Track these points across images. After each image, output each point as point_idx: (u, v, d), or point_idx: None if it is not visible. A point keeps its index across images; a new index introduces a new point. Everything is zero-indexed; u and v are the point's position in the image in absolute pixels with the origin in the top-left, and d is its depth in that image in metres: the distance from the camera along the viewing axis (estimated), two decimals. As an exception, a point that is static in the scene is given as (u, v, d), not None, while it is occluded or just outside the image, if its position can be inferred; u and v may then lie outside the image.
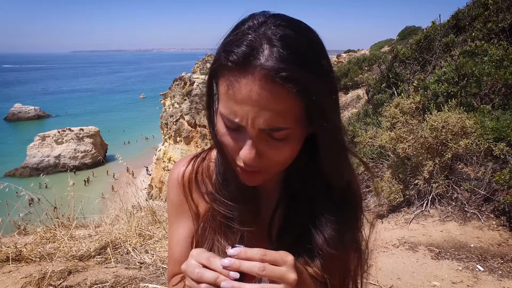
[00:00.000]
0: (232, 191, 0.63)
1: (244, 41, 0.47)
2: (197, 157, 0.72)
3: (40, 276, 1.94)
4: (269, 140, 0.51)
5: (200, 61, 28.97)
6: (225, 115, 0.51)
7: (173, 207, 0.72)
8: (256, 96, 0.46)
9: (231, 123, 0.51)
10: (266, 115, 0.47)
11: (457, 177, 3.31)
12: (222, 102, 0.51)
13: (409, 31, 22.13)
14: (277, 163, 0.54)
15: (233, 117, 0.50)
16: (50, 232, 2.65)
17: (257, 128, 0.49)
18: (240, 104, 0.48)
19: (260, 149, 0.52)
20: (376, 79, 6.77)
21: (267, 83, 0.46)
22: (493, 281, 2.32)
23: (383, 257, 2.71)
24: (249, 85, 0.46)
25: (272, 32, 0.47)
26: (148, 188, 23.11)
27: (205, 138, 25.63)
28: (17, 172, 31.80)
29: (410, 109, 3.71)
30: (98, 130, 36.08)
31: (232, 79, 0.48)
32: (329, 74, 0.51)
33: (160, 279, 2.09)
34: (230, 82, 0.48)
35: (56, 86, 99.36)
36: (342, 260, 0.64)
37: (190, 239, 0.70)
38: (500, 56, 3.87)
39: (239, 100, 0.48)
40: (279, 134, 0.50)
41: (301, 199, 0.64)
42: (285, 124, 0.49)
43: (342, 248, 0.62)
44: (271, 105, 0.47)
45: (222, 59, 0.49)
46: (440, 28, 5.97)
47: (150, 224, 2.95)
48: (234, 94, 0.48)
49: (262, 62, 0.45)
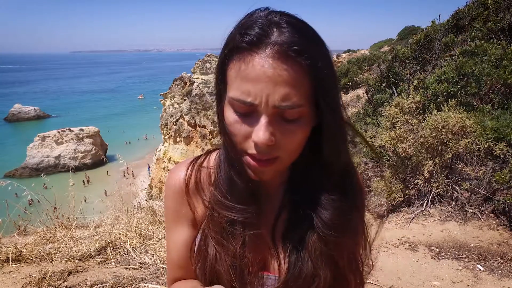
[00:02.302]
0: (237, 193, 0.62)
1: (256, 24, 0.50)
2: (195, 162, 0.70)
3: (40, 276, 1.94)
4: (282, 122, 0.52)
5: (200, 61, 28.98)
6: (236, 98, 0.51)
7: (171, 212, 0.70)
8: (270, 71, 0.48)
9: (242, 105, 0.51)
10: (281, 91, 0.48)
11: (457, 177, 3.31)
12: (233, 86, 0.52)
13: (408, 31, 22.14)
14: (288, 150, 0.53)
15: (246, 97, 0.50)
16: (50, 232, 2.65)
17: (271, 105, 0.49)
18: (254, 82, 0.49)
19: (273, 131, 0.51)
20: (376, 79, 6.78)
21: (280, 57, 0.48)
22: (493, 280, 2.32)
23: (383, 257, 2.71)
24: (262, 61, 0.48)
25: (278, 18, 0.51)
26: (148, 188, 23.11)
27: (205, 138, 25.64)
28: (17, 173, 31.80)
29: (410, 109, 3.71)
30: (98, 130, 36.09)
31: (246, 59, 0.49)
32: (332, 60, 0.54)
33: (160, 279, 2.09)
34: (244, 62, 0.50)
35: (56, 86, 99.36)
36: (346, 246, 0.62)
37: (189, 244, 0.68)
38: (500, 56, 3.87)
39: (253, 78, 0.49)
40: (292, 113, 0.51)
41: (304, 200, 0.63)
42: (298, 100, 0.50)
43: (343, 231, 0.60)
44: (284, 80, 0.48)
45: (236, 41, 0.51)
46: (440, 28, 5.97)
47: (150, 224, 2.95)
48: (248, 73, 0.49)
49: (274, 39, 0.48)
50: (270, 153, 0.52)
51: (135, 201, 3.70)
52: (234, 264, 0.60)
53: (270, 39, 0.49)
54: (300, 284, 0.61)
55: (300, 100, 0.50)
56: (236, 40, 0.51)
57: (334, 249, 0.61)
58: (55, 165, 32.86)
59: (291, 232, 0.63)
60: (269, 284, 0.64)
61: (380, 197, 3.80)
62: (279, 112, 0.51)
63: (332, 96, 0.53)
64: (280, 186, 0.66)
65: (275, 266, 0.64)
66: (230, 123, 0.54)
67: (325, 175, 0.60)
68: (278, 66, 0.48)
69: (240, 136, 0.54)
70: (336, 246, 0.60)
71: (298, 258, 0.61)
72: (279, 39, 0.48)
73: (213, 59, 28.81)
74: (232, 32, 0.53)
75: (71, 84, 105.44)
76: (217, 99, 0.59)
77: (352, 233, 0.63)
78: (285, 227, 0.64)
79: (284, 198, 0.66)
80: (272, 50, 0.48)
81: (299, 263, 0.61)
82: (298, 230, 0.62)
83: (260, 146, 0.51)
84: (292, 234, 0.63)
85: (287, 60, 0.48)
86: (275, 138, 0.51)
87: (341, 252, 0.62)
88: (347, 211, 0.61)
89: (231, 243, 0.61)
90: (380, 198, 3.82)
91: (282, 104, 0.49)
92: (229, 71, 0.53)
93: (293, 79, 0.48)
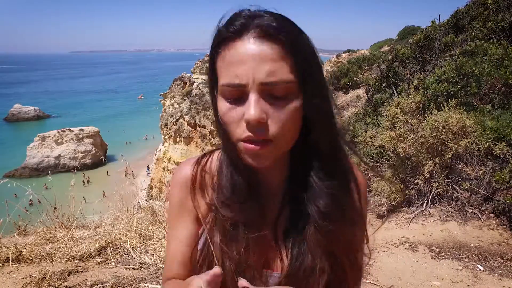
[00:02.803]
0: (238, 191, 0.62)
1: (241, 17, 0.54)
2: (202, 160, 0.71)
3: (40, 276, 1.94)
4: (271, 100, 0.53)
5: (200, 61, 28.97)
6: (226, 84, 0.53)
7: (175, 207, 0.71)
8: (253, 51, 0.51)
9: (232, 89, 0.53)
10: (265, 67, 0.51)
11: (457, 177, 3.31)
12: (222, 74, 0.55)
13: (408, 31, 22.14)
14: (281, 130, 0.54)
15: (234, 79, 0.52)
16: (50, 232, 2.65)
17: (258, 83, 0.51)
18: (239, 64, 0.52)
19: (263, 108, 0.52)
20: (375, 79, 6.78)
21: (260, 37, 0.52)
22: (493, 280, 2.32)
23: (383, 257, 2.71)
24: (245, 43, 0.52)
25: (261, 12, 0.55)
26: (148, 188, 23.11)
27: (205, 138, 25.63)
28: (17, 173, 31.76)
29: (410, 109, 3.71)
30: (97, 131, 36.07)
31: (230, 45, 0.53)
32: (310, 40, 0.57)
33: (160, 279, 2.09)
34: (229, 49, 0.53)
35: (55, 86, 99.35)
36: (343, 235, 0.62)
37: (190, 240, 0.69)
38: (500, 56, 3.86)
39: (238, 61, 0.52)
40: (279, 89, 0.52)
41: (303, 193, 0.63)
42: (283, 76, 0.52)
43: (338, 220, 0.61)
44: (267, 56, 0.51)
45: (222, 33, 0.55)
46: (440, 28, 5.96)
47: (150, 224, 2.95)
48: (233, 58, 0.53)
49: (255, 24, 0.53)
50: (263, 133, 0.53)
51: (135, 201, 3.70)
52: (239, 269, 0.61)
53: (251, 25, 0.52)
54: (301, 277, 0.61)
55: (285, 76, 0.52)
56: (222, 32, 0.55)
57: (331, 239, 0.61)
58: (55, 165, 32.83)
59: (292, 227, 0.64)
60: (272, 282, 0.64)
61: (380, 197, 3.80)
62: (267, 90, 0.52)
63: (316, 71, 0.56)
64: (281, 183, 0.67)
65: (278, 263, 0.64)
66: (223, 113, 0.55)
67: (318, 162, 0.61)
68: (260, 45, 0.51)
69: (234, 123, 0.55)
70: (332, 235, 0.61)
71: (299, 252, 0.62)
72: (259, 22, 0.52)
73: (213, 59, 28.74)
74: (218, 29, 0.57)
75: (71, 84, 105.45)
76: (211, 96, 0.61)
77: (348, 223, 0.63)
78: (286, 223, 0.65)
79: (285, 195, 0.66)
80: (253, 33, 0.52)
81: (300, 257, 0.61)
82: (299, 224, 0.63)
83: (251, 123, 0.52)
84: (293, 229, 0.63)
85: (268, 38, 0.52)
86: (266, 116, 0.52)
87: (338, 242, 0.62)
88: (342, 199, 0.62)
89: (234, 248, 0.61)
90: (380, 198, 3.82)
91: (269, 79, 0.51)
92: (218, 63, 0.56)
93: (276, 55, 0.51)
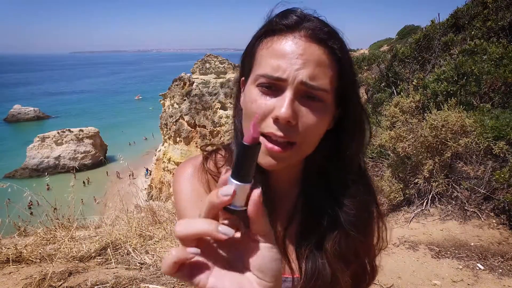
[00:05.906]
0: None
1: (295, 13, 0.56)
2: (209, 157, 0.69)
3: (40, 277, 1.94)
4: (306, 102, 0.53)
5: (199, 62, 28.96)
6: (264, 74, 0.53)
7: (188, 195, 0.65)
8: (302, 49, 0.53)
9: (269, 80, 0.53)
10: (310, 69, 0.52)
11: (457, 176, 3.31)
12: (263, 63, 0.55)
13: (408, 30, 22.15)
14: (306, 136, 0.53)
15: (275, 71, 0.52)
16: (51, 233, 2.65)
17: (298, 81, 0.51)
18: (285, 58, 0.53)
19: (296, 110, 0.52)
20: (375, 78, 6.78)
21: (312, 39, 0.54)
22: (493, 279, 2.32)
23: (383, 256, 2.71)
24: (296, 40, 0.54)
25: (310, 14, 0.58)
26: (148, 188, 23.10)
27: (205, 138, 25.63)
28: (17, 173, 31.75)
29: (410, 108, 3.71)
30: (97, 131, 36.03)
31: (280, 38, 0.55)
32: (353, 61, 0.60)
33: (160, 279, 2.09)
34: (278, 41, 0.55)
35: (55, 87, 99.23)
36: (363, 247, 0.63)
37: None
38: (500, 55, 3.86)
39: (284, 54, 0.53)
40: (316, 95, 0.53)
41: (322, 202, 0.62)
42: (324, 83, 0.53)
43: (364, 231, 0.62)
44: (315, 59, 0.53)
45: (273, 24, 0.56)
46: (439, 27, 5.96)
47: (150, 225, 2.95)
48: (280, 50, 0.53)
49: (307, 25, 0.55)
50: (288, 135, 0.52)
51: (135, 202, 3.70)
52: None
53: (304, 25, 0.54)
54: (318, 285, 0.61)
55: (326, 85, 0.53)
56: (273, 23, 0.56)
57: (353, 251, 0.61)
58: (55, 166, 32.81)
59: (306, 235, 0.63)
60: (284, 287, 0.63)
61: (380, 197, 3.80)
62: (304, 91, 0.52)
63: (355, 87, 0.58)
64: (291, 189, 0.66)
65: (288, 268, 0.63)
66: (252, 100, 0.55)
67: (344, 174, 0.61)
68: (310, 46, 0.53)
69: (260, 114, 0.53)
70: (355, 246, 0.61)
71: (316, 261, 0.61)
72: (312, 25, 0.54)
73: (213, 59, 28.79)
74: (269, 19, 0.59)
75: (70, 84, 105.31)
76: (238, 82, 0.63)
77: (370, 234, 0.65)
78: (298, 230, 0.64)
79: (297, 201, 0.65)
80: (305, 32, 0.54)
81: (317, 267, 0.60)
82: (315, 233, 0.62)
83: (280, 121, 0.51)
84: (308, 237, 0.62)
85: (319, 42, 0.54)
86: (295, 120, 0.52)
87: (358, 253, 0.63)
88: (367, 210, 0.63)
89: None
90: (380, 198, 3.82)
91: (309, 82, 0.52)
92: (260, 51, 0.56)
93: (322, 60, 0.53)
